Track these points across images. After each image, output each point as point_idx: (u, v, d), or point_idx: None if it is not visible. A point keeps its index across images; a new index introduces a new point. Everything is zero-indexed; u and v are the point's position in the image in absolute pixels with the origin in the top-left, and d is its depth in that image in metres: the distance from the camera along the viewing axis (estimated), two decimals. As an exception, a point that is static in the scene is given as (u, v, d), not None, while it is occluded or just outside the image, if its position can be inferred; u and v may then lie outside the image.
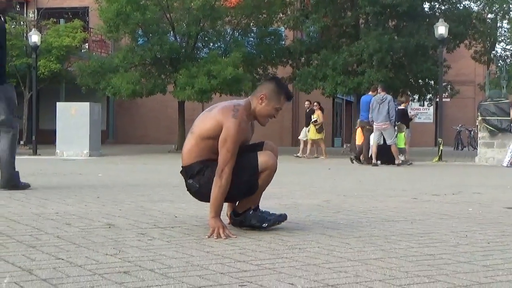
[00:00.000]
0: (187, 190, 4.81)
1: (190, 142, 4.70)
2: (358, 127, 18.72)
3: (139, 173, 12.69)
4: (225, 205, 4.80)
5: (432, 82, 27.54)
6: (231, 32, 28.32)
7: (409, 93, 28.30)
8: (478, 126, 20.06)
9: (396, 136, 17.52)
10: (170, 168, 14.60)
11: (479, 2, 28.87)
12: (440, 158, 20.53)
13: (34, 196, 7.09)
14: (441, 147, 20.97)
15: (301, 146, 23.34)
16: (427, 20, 26.48)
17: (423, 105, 37.92)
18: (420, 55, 26.14)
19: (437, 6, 27.68)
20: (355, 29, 27.09)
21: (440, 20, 23.12)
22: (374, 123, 17.39)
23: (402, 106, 19.11)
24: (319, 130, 22.33)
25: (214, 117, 4.58)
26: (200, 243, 4.18)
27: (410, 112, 20.80)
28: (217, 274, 3.23)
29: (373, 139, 17.42)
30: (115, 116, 39.27)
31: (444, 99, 25.46)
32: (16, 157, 8.15)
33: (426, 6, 27.86)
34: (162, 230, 4.72)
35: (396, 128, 17.60)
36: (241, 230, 4.75)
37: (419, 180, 11.91)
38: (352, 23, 27.02)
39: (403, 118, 18.53)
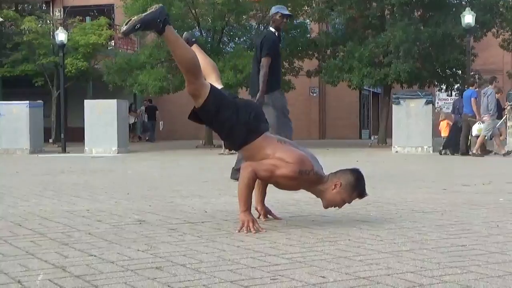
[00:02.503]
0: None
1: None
2: (442, 120, 18.85)
3: (167, 169, 12.75)
4: (254, 199, 4.82)
5: (460, 71, 27.33)
6: (256, 26, 28.28)
7: (436, 83, 28.16)
8: (507, 115, 19.84)
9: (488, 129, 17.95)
10: (198, 163, 14.65)
11: (506, -10, 28.54)
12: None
13: (64, 194, 7.16)
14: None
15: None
16: (454, 9, 26.23)
17: (451, 95, 37.60)
18: (447, 45, 25.92)
19: (463, -5, 27.44)
20: (381, 20, 26.92)
21: (467, 9, 22.91)
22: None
23: None
24: None
25: (289, 156, 4.53)
26: (230, 237, 4.19)
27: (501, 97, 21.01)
28: (249, 268, 3.24)
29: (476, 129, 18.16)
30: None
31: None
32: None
33: (452, -5, 27.64)
34: (192, 225, 4.75)
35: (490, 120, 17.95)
36: (271, 223, 4.76)
37: (449, 170, 11.84)
38: (378, 14, 26.88)
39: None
